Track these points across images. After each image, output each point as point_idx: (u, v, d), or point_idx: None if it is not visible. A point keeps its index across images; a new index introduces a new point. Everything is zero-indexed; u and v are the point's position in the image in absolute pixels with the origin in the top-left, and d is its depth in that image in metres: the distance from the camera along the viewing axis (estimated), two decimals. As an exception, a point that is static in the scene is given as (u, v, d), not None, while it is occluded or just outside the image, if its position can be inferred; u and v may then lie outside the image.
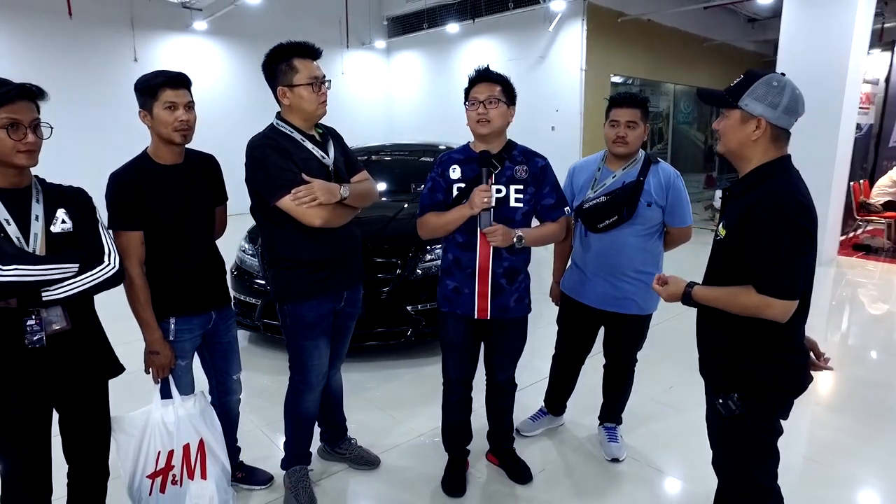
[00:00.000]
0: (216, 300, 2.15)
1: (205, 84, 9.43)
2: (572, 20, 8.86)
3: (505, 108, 2.13)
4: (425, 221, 2.22)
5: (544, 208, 2.21)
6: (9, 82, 1.52)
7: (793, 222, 1.47)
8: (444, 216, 2.16)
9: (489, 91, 2.11)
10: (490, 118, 2.10)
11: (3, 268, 1.43)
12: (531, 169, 2.19)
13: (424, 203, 2.23)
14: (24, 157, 1.53)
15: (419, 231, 2.26)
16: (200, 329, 2.12)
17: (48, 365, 1.60)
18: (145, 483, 1.96)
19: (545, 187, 2.20)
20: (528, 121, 9.55)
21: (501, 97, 2.11)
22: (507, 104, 2.14)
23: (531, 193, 2.18)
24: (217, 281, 2.17)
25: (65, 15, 8.03)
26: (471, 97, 2.14)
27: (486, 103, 2.09)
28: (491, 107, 2.10)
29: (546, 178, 2.20)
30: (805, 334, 1.66)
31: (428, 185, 2.25)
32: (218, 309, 2.16)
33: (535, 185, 2.18)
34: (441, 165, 2.24)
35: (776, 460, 1.69)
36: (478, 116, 2.11)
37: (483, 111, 2.10)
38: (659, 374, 3.34)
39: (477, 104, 2.11)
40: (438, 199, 2.21)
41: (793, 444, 2.72)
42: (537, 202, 2.21)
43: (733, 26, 11.74)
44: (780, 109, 1.53)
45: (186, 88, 1.97)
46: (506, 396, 2.48)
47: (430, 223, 2.20)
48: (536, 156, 2.24)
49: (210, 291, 2.13)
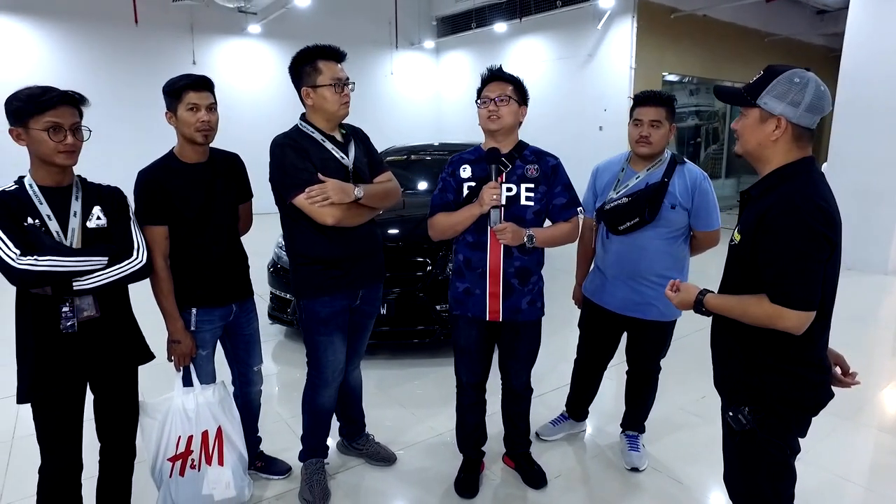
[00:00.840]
0: (237, 293, 2.23)
1: (258, 84, 9.78)
2: (622, 17, 8.64)
3: (516, 107, 2.14)
4: (435, 222, 2.23)
5: (556, 208, 2.19)
6: (53, 89, 1.65)
7: (810, 228, 1.38)
8: (453, 216, 2.16)
9: (500, 90, 2.11)
10: (500, 115, 2.10)
11: (39, 258, 1.56)
12: (542, 168, 2.17)
13: (435, 203, 2.24)
14: (64, 157, 1.66)
15: (430, 232, 2.26)
16: (221, 321, 2.20)
17: (80, 349, 1.74)
18: (166, 465, 2.07)
19: (556, 186, 2.18)
20: (576, 121, 9.42)
21: (513, 96, 2.12)
22: (519, 103, 2.14)
23: (542, 192, 2.16)
24: (239, 275, 2.25)
25: (131, 22, 8.52)
26: (483, 95, 2.15)
27: (497, 101, 2.10)
28: (502, 104, 2.10)
29: (558, 178, 2.18)
30: (828, 347, 1.56)
31: (438, 185, 2.26)
32: (239, 302, 2.24)
33: (546, 184, 2.17)
34: (451, 166, 2.25)
35: (791, 480, 1.59)
36: (488, 113, 2.11)
37: (494, 108, 2.11)
38: (690, 384, 3.22)
39: (488, 102, 2.12)
40: (448, 199, 2.22)
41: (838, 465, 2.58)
42: (549, 202, 2.18)
43: (799, 19, 11.10)
44: (803, 108, 1.44)
45: (209, 91, 2.06)
46: (521, 402, 2.45)
47: (441, 223, 2.21)
48: (548, 155, 2.23)
49: (231, 284, 2.21)
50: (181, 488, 2.08)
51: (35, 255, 1.56)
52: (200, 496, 2.10)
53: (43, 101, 1.61)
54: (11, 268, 1.54)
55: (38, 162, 1.68)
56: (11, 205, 1.62)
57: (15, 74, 7.86)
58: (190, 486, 2.09)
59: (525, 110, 2.18)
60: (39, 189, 1.68)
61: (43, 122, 1.60)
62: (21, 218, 1.61)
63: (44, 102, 1.61)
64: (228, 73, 9.41)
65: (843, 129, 6.18)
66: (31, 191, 1.67)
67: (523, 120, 2.17)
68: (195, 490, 2.10)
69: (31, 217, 1.63)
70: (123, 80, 8.69)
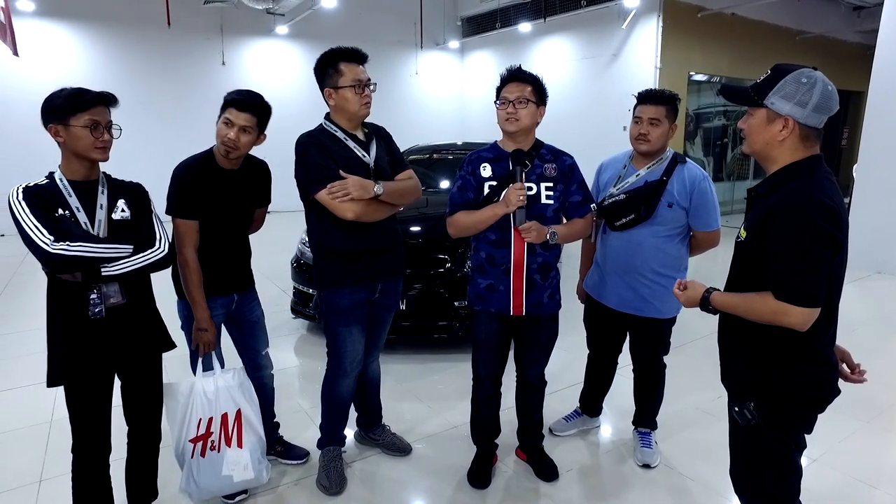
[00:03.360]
0: (238, 284, 2.35)
1: (285, 84, 9.97)
2: (647, 17, 8.57)
3: (534, 108, 2.18)
4: (456, 220, 2.27)
5: (572, 205, 2.24)
6: (89, 91, 1.78)
7: (814, 225, 1.39)
8: (476, 214, 2.20)
9: (519, 91, 2.15)
10: (519, 117, 2.15)
11: (71, 244, 1.68)
12: (560, 167, 2.22)
13: (455, 202, 2.28)
14: (100, 153, 1.78)
15: (449, 229, 2.31)
16: (223, 308, 2.31)
17: (108, 335, 1.84)
18: (188, 446, 2.16)
19: (573, 184, 2.24)
20: (599, 120, 9.37)
21: (531, 97, 2.16)
22: (537, 104, 2.18)
23: (560, 191, 2.22)
24: (241, 268, 2.36)
25: (164, 25, 8.79)
26: (501, 96, 2.19)
27: (515, 103, 2.14)
28: (520, 106, 2.14)
29: (574, 176, 2.24)
30: (834, 344, 1.57)
31: (458, 183, 2.29)
32: (240, 292, 2.35)
33: (563, 182, 2.22)
34: (471, 164, 2.29)
35: (796, 476, 1.60)
36: (507, 115, 2.16)
37: (512, 110, 2.15)
38: (705, 383, 3.20)
39: (507, 103, 2.16)
40: (469, 198, 2.26)
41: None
42: (565, 199, 2.24)
43: (834, 16, 10.83)
44: (810, 108, 1.45)
45: (251, 113, 2.14)
46: (535, 393, 2.49)
47: (462, 221, 2.25)
48: (564, 154, 2.28)
49: (233, 276, 2.32)
50: (202, 469, 2.17)
51: (67, 241, 1.68)
52: (220, 477, 2.20)
53: (84, 101, 1.73)
54: (46, 252, 1.65)
55: (71, 157, 1.79)
56: (44, 196, 1.74)
57: (54, 74, 8.18)
58: (210, 467, 2.18)
59: (543, 110, 2.22)
60: (69, 183, 1.79)
61: (84, 119, 1.73)
62: (53, 209, 1.73)
63: (85, 102, 1.73)
64: (256, 73, 9.63)
65: (876, 129, 6.03)
66: (61, 184, 1.78)
67: (541, 120, 2.21)
68: (215, 471, 2.19)
69: (61, 208, 1.75)
70: (156, 81, 8.97)
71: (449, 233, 2.32)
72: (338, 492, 2.39)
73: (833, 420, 1.94)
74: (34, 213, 1.68)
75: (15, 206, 1.69)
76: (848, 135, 12.40)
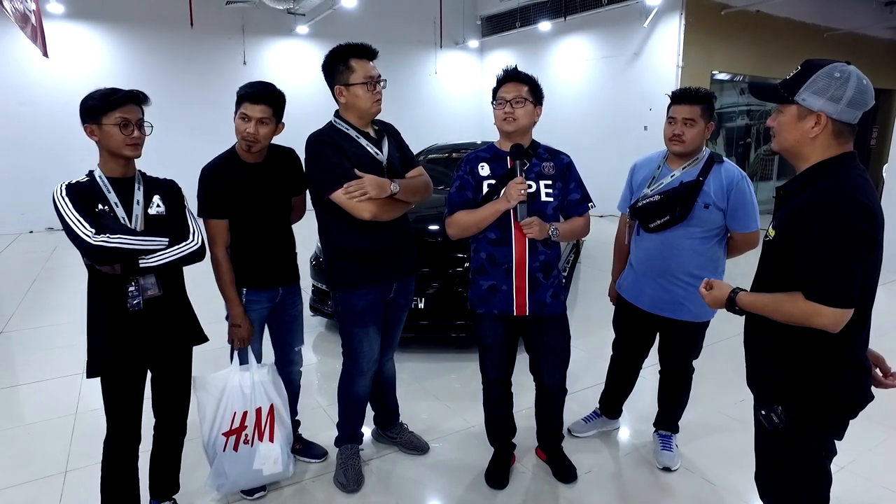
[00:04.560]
0: (284, 277, 2.36)
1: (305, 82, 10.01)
2: (669, 15, 8.45)
3: (531, 108, 2.17)
4: (456, 220, 2.23)
5: (570, 203, 2.24)
6: (120, 90, 1.83)
7: (848, 223, 1.34)
8: (477, 213, 2.18)
9: (516, 91, 2.15)
10: (516, 116, 2.14)
11: (111, 237, 1.75)
12: (557, 165, 2.23)
13: (454, 202, 2.25)
14: (131, 150, 1.84)
15: (448, 230, 2.27)
16: (269, 302, 2.33)
17: (145, 327, 1.90)
18: (220, 440, 2.18)
19: (570, 183, 2.24)
20: (620, 120, 9.27)
21: (528, 97, 2.15)
22: (534, 104, 2.18)
23: (559, 189, 2.22)
24: (286, 261, 2.37)
25: (187, 25, 8.91)
26: (498, 96, 2.19)
27: (512, 102, 2.14)
28: (517, 106, 2.14)
29: (571, 174, 2.25)
30: (867, 347, 1.53)
31: (455, 184, 2.27)
32: (285, 285, 2.37)
33: (561, 180, 2.23)
34: (468, 164, 2.28)
35: (826, 483, 1.56)
36: (504, 115, 2.15)
37: (510, 110, 2.14)
38: (729, 387, 3.15)
39: (504, 103, 2.15)
40: (468, 197, 2.24)
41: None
42: (564, 197, 2.23)
43: (864, 12, 10.55)
44: (844, 103, 1.40)
45: (265, 104, 2.15)
46: (553, 402, 2.45)
47: (462, 221, 2.22)
48: (560, 153, 2.28)
49: (279, 270, 2.34)
50: (234, 462, 2.19)
51: (107, 233, 1.74)
52: (251, 470, 2.22)
53: (114, 99, 1.79)
54: (88, 244, 1.72)
55: (107, 155, 1.86)
56: (85, 192, 1.81)
57: (82, 75, 8.36)
58: (242, 461, 2.21)
59: (540, 110, 2.22)
60: (108, 180, 1.86)
61: (114, 117, 1.79)
62: (93, 204, 1.81)
63: (115, 100, 1.79)
64: (277, 72, 9.69)
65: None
66: (101, 181, 1.85)
67: (538, 119, 2.22)
68: (246, 464, 2.21)
69: (101, 204, 1.82)
70: (179, 80, 9.10)
71: (448, 234, 2.27)
72: (355, 489, 2.40)
73: (863, 427, 1.88)
74: (76, 208, 1.75)
75: (59, 202, 1.77)
76: (878, 134, 12.10)
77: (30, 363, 3.74)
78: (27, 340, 4.17)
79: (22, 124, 8.21)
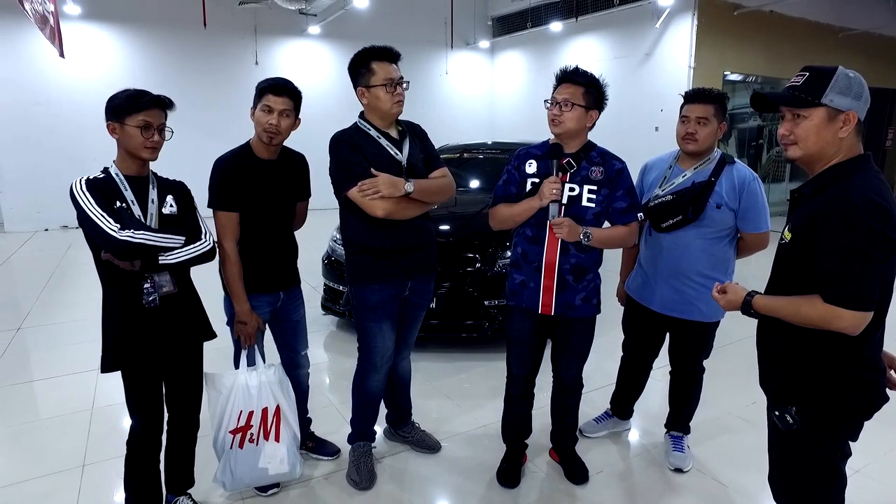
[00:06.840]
0: (285, 282, 2.37)
1: (317, 83, 10.08)
2: (681, 15, 8.41)
3: (581, 112, 2.13)
4: (496, 212, 2.30)
5: (615, 211, 2.19)
6: (147, 93, 1.86)
7: (867, 225, 1.34)
8: (513, 207, 2.23)
9: (568, 94, 2.13)
10: (563, 120, 2.13)
11: (136, 232, 1.78)
12: (607, 171, 2.18)
13: (498, 194, 2.31)
14: (148, 153, 1.87)
15: (490, 221, 2.33)
16: (269, 307, 2.34)
17: (160, 323, 1.93)
18: (227, 437, 2.21)
19: (619, 190, 2.18)
20: (631, 121, 9.22)
21: (580, 101, 2.12)
22: (587, 108, 2.14)
23: (604, 195, 2.17)
24: (287, 265, 2.38)
25: (200, 25, 8.98)
26: (552, 97, 2.18)
27: (561, 104, 2.12)
28: (566, 110, 2.12)
29: (621, 182, 2.18)
30: (882, 349, 1.52)
31: (503, 177, 2.31)
32: (286, 290, 2.38)
33: (609, 187, 2.18)
34: (518, 159, 2.29)
35: (841, 485, 1.56)
36: (552, 117, 2.15)
37: (557, 112, 2.13)
38: (741, 388, 3.14)
39: (554, 105, 2.15)
40: (511, 192, 2.27)
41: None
42: (609, 204, 2.19)
43: (880, 11, 10.42)
44: (864, 100, 1.42)
45: (287, 97, 2.18)
46: (570, 396, 2.46)
47: (501, 213, 2.28)
48: (614, 158, 2.22)
49: (280, 274, 2.35)
50: (240, 460, 2.22)
51: (132, 229, 1.78)
52: (257, 469, 2.24)
53: (140, 102, 1.82)
54: (114, 238, 1.75)
55: (124, 154, 1.88)
56: (104, 189, 1.84)
57: (97, 74, 8.47)
58: (248, 459, 2.23)
59: (596, 114, 2.17)
60: (124, 178, 1.88)
61: (137, 119, 1.81)
62: (112, 201, 1.83)
63: (141, 103, 1.82)
64: (289, 72, 9.59)
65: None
66: (117, 179, 1.88)
67: (590, 124, 2.17)
68: (252, 463, 2.23)
69: (119, 201, 1.85)
70: (191, 80, 9.18)
71: (490, 224, 2.34)
72: (367, 487, 2.42)
73: (878, 430, 1.87)
74: (98, 203, 1.78)
75: (79, 196, 1.79)
76: (893, 136, 11.97)
77: (47, 359, 3.80)
78: (44, 337, 4.24)
79: (37, 124, 8.32)
